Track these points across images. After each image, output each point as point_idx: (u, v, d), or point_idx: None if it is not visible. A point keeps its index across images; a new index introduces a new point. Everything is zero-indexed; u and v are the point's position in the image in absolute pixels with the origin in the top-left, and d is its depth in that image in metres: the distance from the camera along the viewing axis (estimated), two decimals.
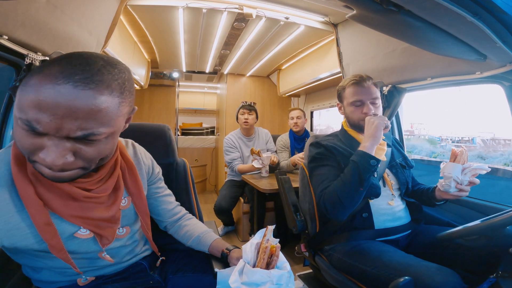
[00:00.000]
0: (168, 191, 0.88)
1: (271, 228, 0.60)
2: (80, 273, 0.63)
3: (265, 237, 0.58)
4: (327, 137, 1.18)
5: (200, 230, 0.84)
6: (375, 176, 1.03)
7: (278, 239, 0.59)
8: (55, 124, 0.43)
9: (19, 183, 0.53)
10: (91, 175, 0.59)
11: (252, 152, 2.18)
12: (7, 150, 0.57)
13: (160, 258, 0.82)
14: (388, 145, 1.12)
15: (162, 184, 0.87)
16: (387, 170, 1.11)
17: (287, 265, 0.56)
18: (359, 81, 1.07)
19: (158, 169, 0.85)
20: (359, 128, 1.09)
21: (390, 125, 0.99)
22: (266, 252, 0.56)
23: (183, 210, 0.90)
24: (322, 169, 1.05)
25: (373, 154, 0.93)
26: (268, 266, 0.55)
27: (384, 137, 1.13)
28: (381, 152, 1.05)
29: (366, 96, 1.05)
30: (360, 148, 0.95)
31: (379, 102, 1.08)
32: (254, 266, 0.55)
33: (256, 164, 2.15)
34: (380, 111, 1.08)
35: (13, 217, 0.54)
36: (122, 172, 0.68)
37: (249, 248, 0.57)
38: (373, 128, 0.95)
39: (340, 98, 1.16)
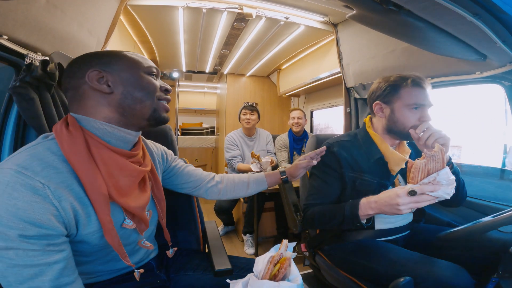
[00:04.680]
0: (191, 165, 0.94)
1: (285, 242, 0.56)
2: (132, 265, 0.64)
3: (279, 251, 0.55)
4: (343, 139, 1.04)
5: (246, 175, 0.98)
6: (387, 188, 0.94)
7: (295, 254, 0.56)
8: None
9: (87, 174, 0.52)
10: (137, 147, 0.66)
11: (252, 155, 2.19)
12: (45, 145, 0.52)
13: (172, 249, 0.83)
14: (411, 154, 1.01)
15: (182, 161, 0.92)
16: (399, 176, 1.01)
17: (299, 278, 0.52)
18: (421, 82, 0.90)
19: (170, 152, 0.90)
20: (402, 135, 0.94)
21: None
22: (272, 262, 0.53)
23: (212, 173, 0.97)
24: (317, 182, 1.03)
25: (363, 220, 0.83)
26: (275, 278, 0.52)
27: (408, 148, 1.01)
28: (401, 163, 0.93)
29: (427, 101, 0.90)
30: (362, 206, 0.81)
31: None
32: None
33: (254, 168, 2.14)
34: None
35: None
36: None
37: (261, 260, 0.54)
38: (395, 208, 0.72)
39: (386, 97, 0.94)
